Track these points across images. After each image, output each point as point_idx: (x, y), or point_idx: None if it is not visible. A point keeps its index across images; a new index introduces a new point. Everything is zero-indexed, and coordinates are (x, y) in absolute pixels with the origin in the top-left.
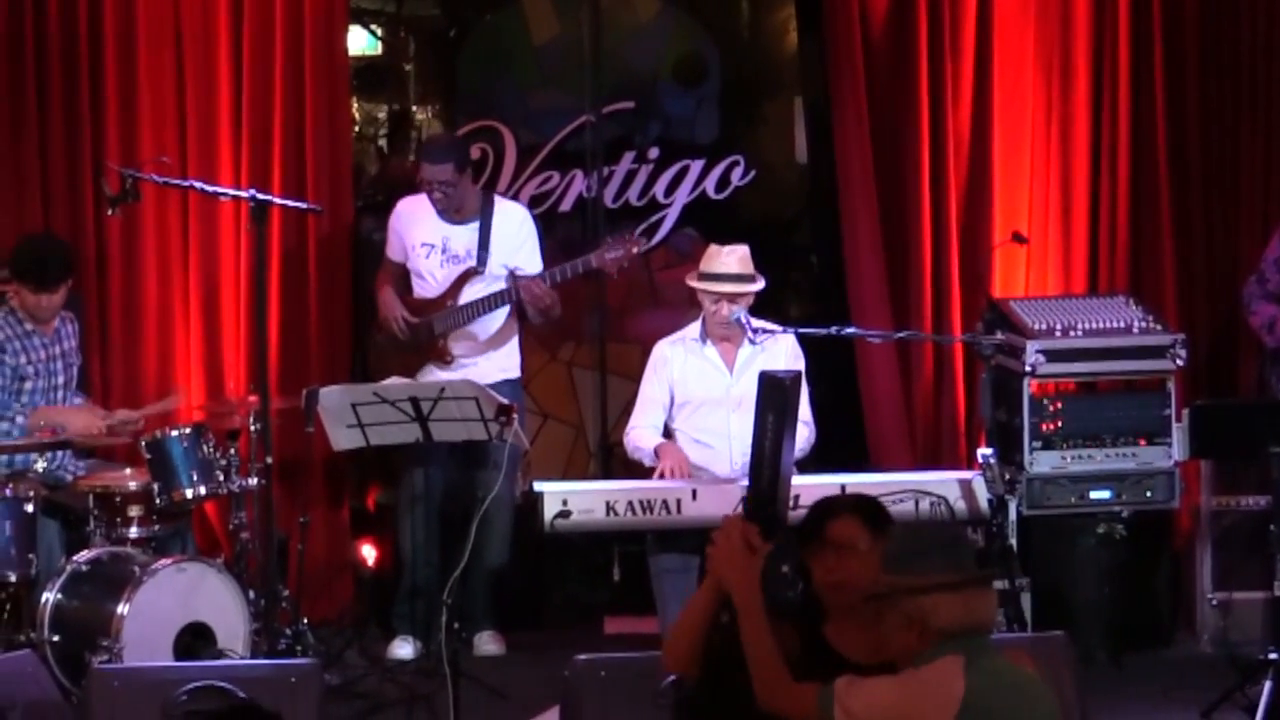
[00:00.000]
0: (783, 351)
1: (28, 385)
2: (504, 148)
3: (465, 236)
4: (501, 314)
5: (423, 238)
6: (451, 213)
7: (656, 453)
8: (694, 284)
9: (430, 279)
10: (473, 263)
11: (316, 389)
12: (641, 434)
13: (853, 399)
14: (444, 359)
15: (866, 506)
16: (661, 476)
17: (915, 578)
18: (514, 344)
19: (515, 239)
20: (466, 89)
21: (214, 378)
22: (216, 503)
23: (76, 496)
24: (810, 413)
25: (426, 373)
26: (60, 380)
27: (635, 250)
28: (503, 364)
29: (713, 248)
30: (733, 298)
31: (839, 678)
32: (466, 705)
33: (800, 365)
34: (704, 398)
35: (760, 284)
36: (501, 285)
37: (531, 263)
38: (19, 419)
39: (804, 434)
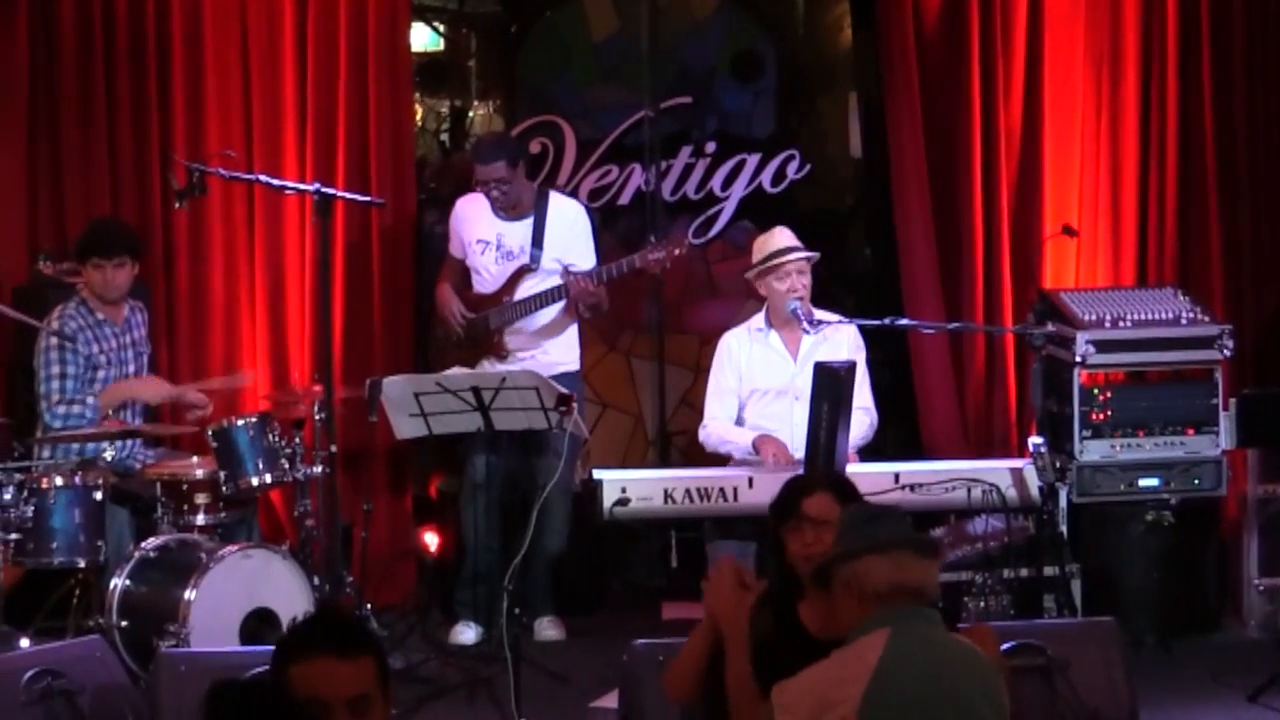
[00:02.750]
0: (845, 341)
1: (100, 374)
2: (564, 142)
3: (519, 233)
4: (555, 308)
5: (478, 235)
6: (508, 210)
7: (756, 446)
8: (761, 267)
9: (486, 274)
10: (526, 259)
11: (380, 379)
12: (722, 426)
13: (906, 389)
14: (500, 353)
15: (838, 483)
16: (777, 463)
17: (848, 546)
18: (571, 337)
19: (569, 234)
20: (527, 85)
21: (279, 368)
22: (282, 490)
23: (145, 484)
24: (872, 400)
25: (484, 367)
26: (131, 369)
27: (677, 251)
28: (560, 356)
29: (760, 237)
30: (801, 269)
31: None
32: (527, 689)
33: (862, 355)
34: (768, 386)
35: (817, 255)
36: (556, 280)
37: (585, 258)
38: (90, 399)
39: (865, 421)
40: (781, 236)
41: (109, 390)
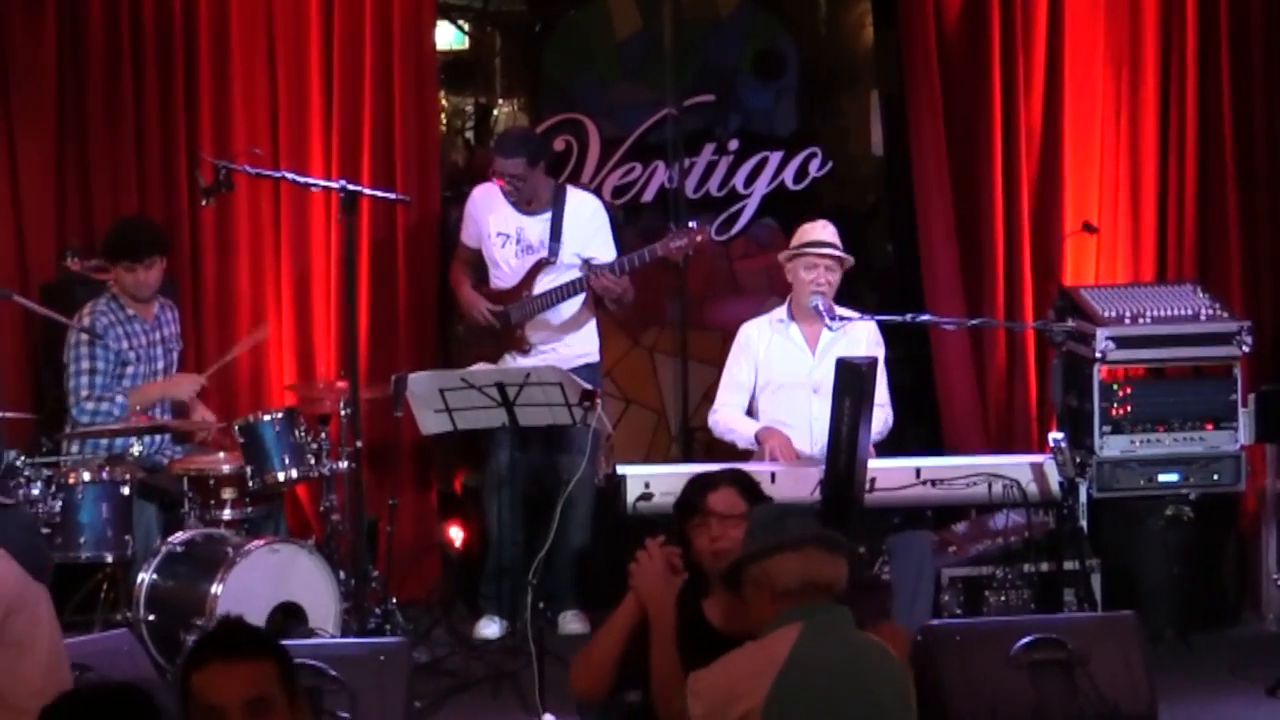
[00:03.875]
0: (864, 337)
1: (129, 370)
2: (588, 140)
3: (538, 227)
4: (576, 301)
5: (498, 227)
6: (523, 204)
7: (758, 438)
8: (793, 253)
9: (505, 268)
10: (545, 253)
11: (405, 375)
12: (731, 415)
13: (927, 385)
14: (522, 347)
15: (741, 478)
16: (773, 458)
17: (758, 544)
18: (591, 329)
19: (587, 228)
20: (551, 83)
21: (305, 364)
22: (308, 485)
23: (172, 479)
24: (888, 396)
25: (506, 361)
26: (160, 365)
27: (699, 239)
28: (581, 349)
29: (804, 225)
30: (830, 266)
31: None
32: (551, 683)
33: (881, 352)
34: (785, 378)
35: (851, 260)
36: (574, 274)
37: (604, 251)
38: (119, 398)
39: (881, 417)
40: (822, 230)
41: (139, 391)
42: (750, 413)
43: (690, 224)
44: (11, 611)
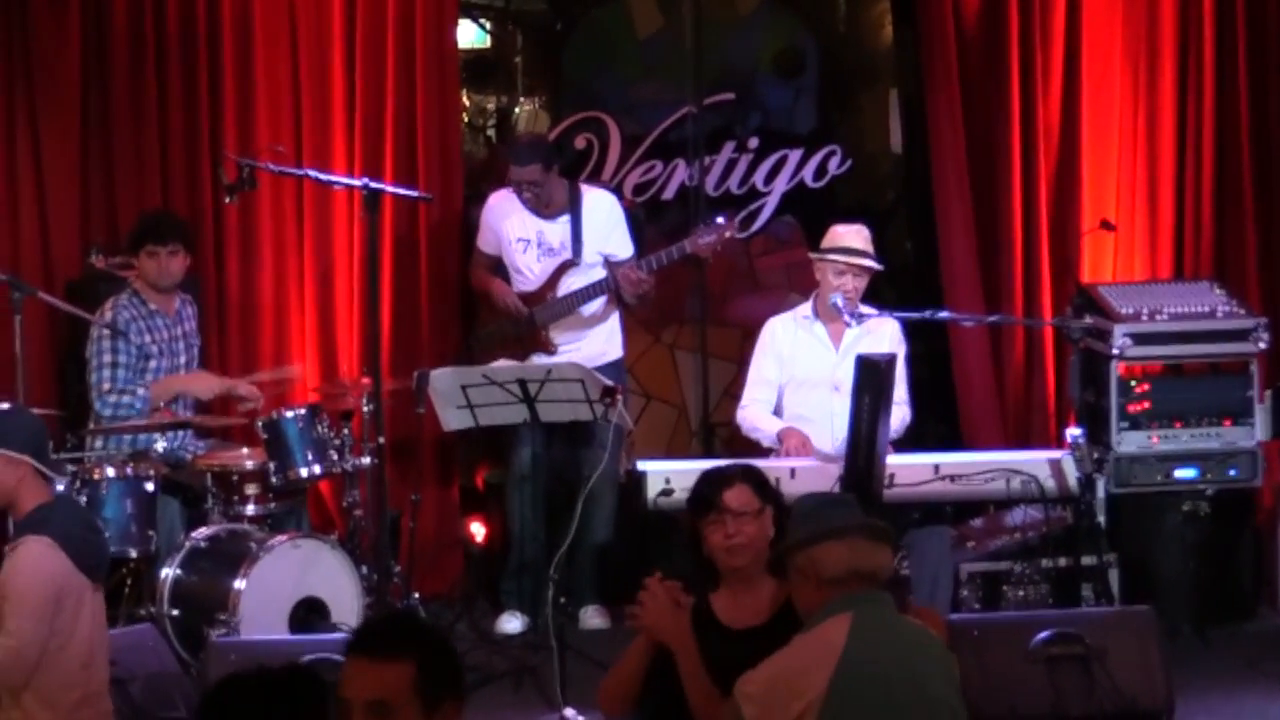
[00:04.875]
0: (886, 335)
1: (151, 364)
2: (609, 138)
3: (558, 230)
4: (599, 301)
5: (518, 233)
6: (541, 209)
7: (780, 436)
8: (828, 257)
9: (528, 273)
10: (568, 254)
11: (427, 371)
12: (757, 412)
13: (946, 381)
14: (548, 349)
15: (754, 474)
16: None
17: (804, 533)
18: (614, 325)
19: (605, 226)
20: (572, 81)
21: (328, 360)
22: (330, 481)
23: (196, 475)
24: (907, 394)
25: (532, 362)
26: (182, 360)
27: (727, 234)
28: (605, 347)
29: (838, 227)
30: (858, 272)
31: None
32: (572, 677)
33: (902, 349)
34: (808, 375)
35: (881, 267)
36: (597, 273)
37: (623, 246)
38: (141, 390)
39: (900, 414)
40: (857, 236)
41: (160, 383)
42: (777, 409)
43: (718, 219)
44: (58, 602)
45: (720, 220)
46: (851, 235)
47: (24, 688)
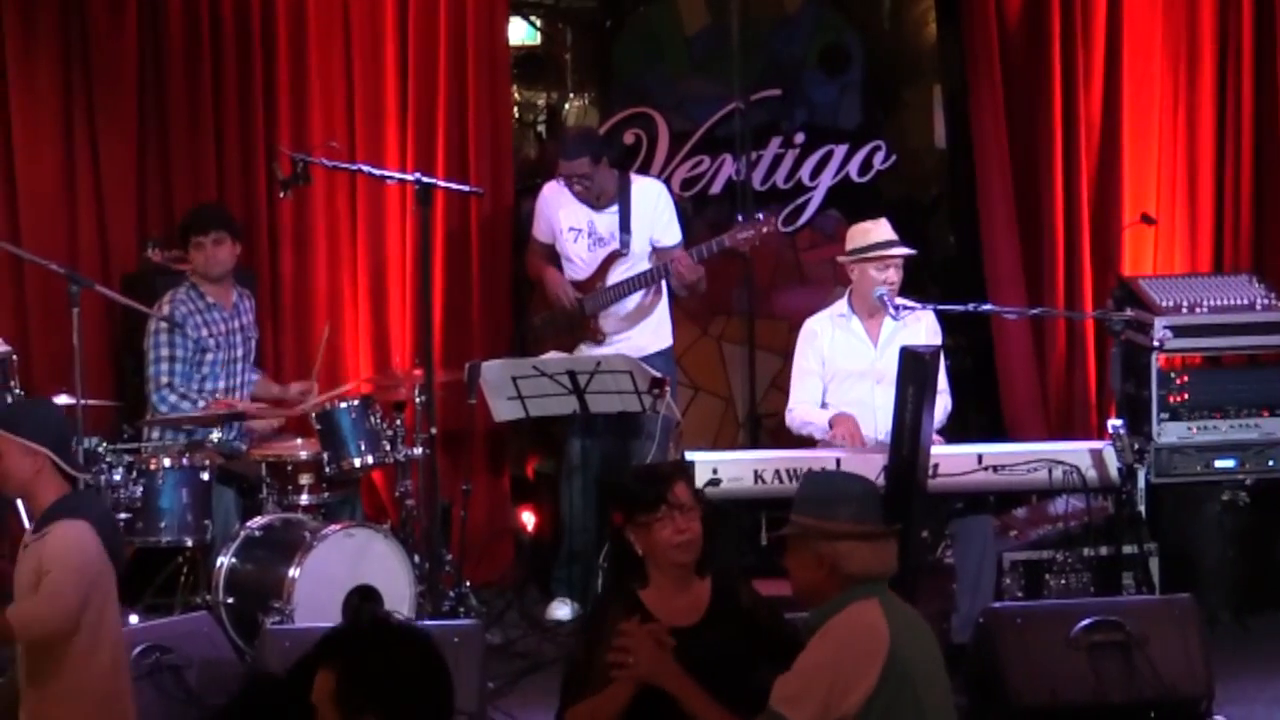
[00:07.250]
0: (924, 327)
1: (209, 357)
2: (657, 133)
3: (608, 220)
4: (647, 290)
5: (570, 222)
6: (593, 201)
7: (831, 423)
8: (864, 255)
9: (579, 262)
10: (617, 245)
11: (478, 363)
12: (806, 409)
13: (989, 373)
14: (597, 338)
15: (688, 473)
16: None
17: (830, 523)
18: (662, 314)
19: (653, 213)
20: (621, 77)
21: (381, 352)
22: (383, 471)
23: (250, 465)
24: (947, 383)
25: (581, 352)
26: (239, 353)
27: (765, 230)
28: (654, 337)
29: (862, 225)
30: (898, 263)
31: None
32: None
33: (939, 340)
34: (849, 370)
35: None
36: (645, 263)
37: (670, 233)
38: (200, 402)
39: (943, 403)
40: (886, 229)
41: (218, 404)
42: (822, 404)
43: (757, 216)
44: (93, 582)
45: (759, 216)
46: (880, 229)
47: (54, 676)
